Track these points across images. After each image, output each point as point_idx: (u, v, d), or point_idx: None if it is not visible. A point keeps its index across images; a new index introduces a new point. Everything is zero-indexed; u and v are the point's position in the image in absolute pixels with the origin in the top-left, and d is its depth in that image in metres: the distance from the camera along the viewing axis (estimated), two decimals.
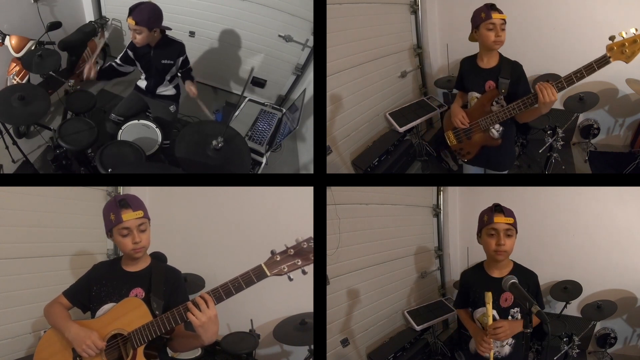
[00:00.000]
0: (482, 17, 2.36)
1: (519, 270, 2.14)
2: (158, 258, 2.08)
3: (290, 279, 1.72)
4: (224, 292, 1.72)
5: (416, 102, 3.89)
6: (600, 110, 3.78)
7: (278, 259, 1.72)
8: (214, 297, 1.72)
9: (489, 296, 1.93)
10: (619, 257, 3.29)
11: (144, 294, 1.91)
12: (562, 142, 3.32)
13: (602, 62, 2.01)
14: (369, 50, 3.51)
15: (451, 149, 2.76)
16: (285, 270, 1.71)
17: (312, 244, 1.73)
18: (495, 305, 2.08)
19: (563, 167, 3.55)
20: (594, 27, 3.41)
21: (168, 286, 1.94)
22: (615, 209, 3.29)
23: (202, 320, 1.68)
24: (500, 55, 2.46)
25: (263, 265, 1.73)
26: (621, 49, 1.97)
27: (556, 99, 2.16)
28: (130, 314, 1.83)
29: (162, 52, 3.00)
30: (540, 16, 3.55)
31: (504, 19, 2.33)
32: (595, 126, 3.82)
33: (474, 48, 2.52)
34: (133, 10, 2.78)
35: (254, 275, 1.72)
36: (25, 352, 2.68)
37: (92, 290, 1.95)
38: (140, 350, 1.80)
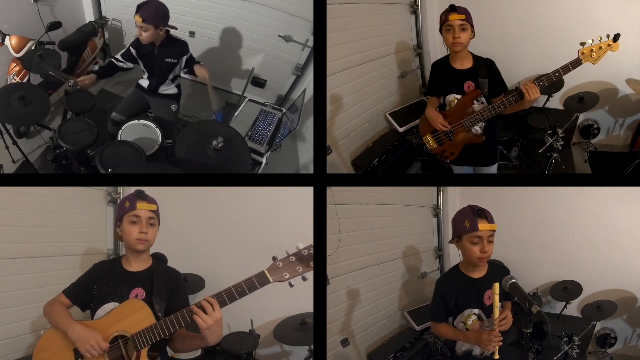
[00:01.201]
0: (442, 19, 2.42)
1: (494, 267, 2.14)
2: (159, 259, 2.10)
3: (291, 285, 1.76)
4: (227, 297, 1.77)
5: (416, 102, 3.89)
6: (600, 110, 3.77)
7: (280, 265, 1.76)
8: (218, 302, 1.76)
9: (496, 287, 1.90)
10: (619, 257, 3.29)
11: (144, 294, 1.93)
12: (562, 142, 3.33)
13: (576, 63, 2.28)
14: (369, 50, 3.51)
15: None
16: (287, 276, 1.76)
17: (312, 252, 1.77)
18: (480, 304, 2.08)
19: (563, 167, 3.55)
20: (594, 27, 3.39)
21: (169, 287, 1.96)
22: (615, 209, 3.29)
23: (209, 323, 1.72)
24: (473, 55, 2.50)
25: (265, 271, 1.77)
26: (590, 53, 2.26)
27: (539, 96, 2.31)
28: (133, 315, 1.84)
29: (166, 51, 3.01)
30: (539, 16, 3.55)
31: (462, 19, 2.36)
32: (595, 126, 3.81)
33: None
34: (140, 8, 2.79)
35: (257, 281, 1.76)
36: (25, 352, 2.68)
37: (93, 289, 1.96)
38: (144, 352, 1.82)
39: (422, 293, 3.76)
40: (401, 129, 3.59)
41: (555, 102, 3.73)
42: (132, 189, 3.22)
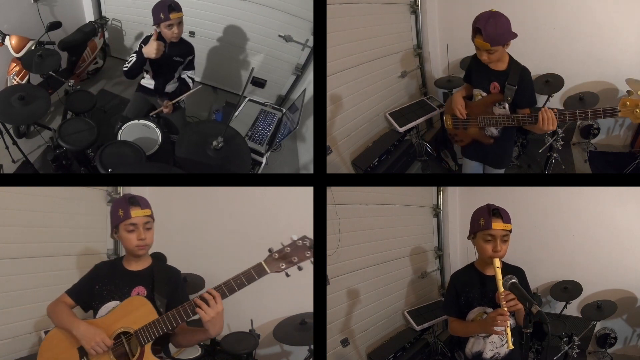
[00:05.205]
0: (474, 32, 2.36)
1: (507, 267, 2.13)
2: (158, 258, 2.13)
3: (288, 275, 1.81)
4: (227, 289, 1.80)
5: (416, 102, 3.89)
6: None
7: (276, 256, 1.81)
8: None
9: (496, 261, 1.95)
10: (619, 257, 3.29)
11: (146, 293, 1.96)
12: (562, 142, 3.32)
13: (611, 113, 1.96)
14: (369, 50, 3.51)
15: (449, 135, 2.82)
16: (283, 267, 1.81)
17: (306, 242, 1.82)
18: (492, 302, 2.07)
19: (563, 167, 3.55)
20: (595, 27, 3.42)
21: (170, 285, 1.99)
22: (615, 209, 3.29)
23: (211, 315, 1.76)
24: (510, 58, 2.45)
25: (263, 262, 1.81)
26: (633, 109, 1.91)
27: (554, 129, 2.20)
28: (135, 312, 1.87)
29: (176, 49, 3.07)
30: (540, 16, 3.55)
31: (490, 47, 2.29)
32: (595, 126, 3.80)
33: (473, 49, 2.52)
34: (172, 5, 2.85)
35: (255, 273, 1.80)
36: (28, 351, 2.68)
37: (95, 289, 1.99)
38: (148, 347, 1.85)
39: (422, 293, 3.76)
40: (401, 129, 3.59)
41: (555, 102, 3.73)
42: (131, 189, 3.25)
